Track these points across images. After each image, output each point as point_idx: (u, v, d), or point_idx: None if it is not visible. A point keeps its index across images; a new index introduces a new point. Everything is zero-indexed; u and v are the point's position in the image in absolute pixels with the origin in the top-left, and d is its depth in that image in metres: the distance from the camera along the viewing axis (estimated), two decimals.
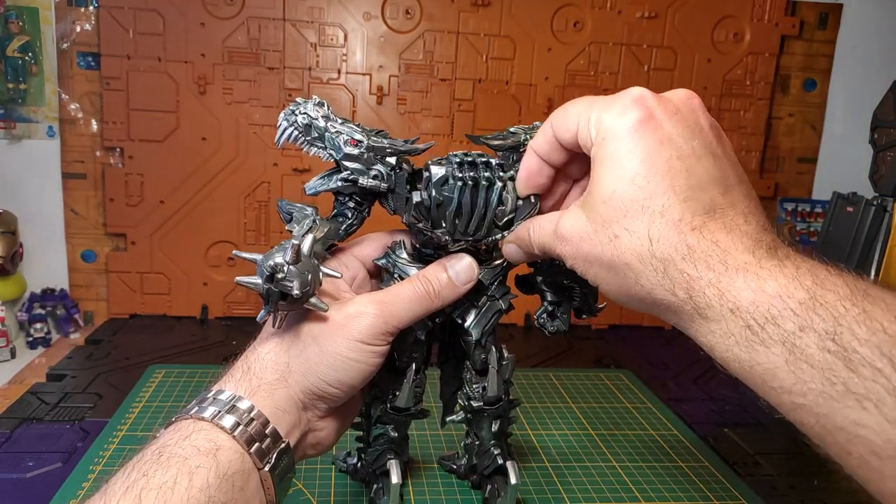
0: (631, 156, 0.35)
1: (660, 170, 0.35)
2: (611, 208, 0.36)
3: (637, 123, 0.36)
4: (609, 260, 0.36)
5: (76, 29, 0.97)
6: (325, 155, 0.46)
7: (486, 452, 0.54)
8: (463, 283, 0.46)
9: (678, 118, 0.36)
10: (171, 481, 0.34)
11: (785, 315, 0.31)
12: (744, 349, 0.32)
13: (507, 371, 0.53)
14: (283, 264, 0.38)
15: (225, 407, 0.38)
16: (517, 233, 0.45)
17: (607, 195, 0.36)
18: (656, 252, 0.35)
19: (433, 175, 0.44)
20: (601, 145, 0.37)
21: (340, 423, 0.46)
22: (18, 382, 0.83)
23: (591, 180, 0.37)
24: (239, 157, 1.02)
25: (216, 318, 1.05)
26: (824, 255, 0.34)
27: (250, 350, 0.43)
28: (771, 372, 0.31)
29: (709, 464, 0.68)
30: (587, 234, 0.37)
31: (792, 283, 0.31)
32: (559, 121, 0.41)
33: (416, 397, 0.51)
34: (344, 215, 0.48)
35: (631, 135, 0.36)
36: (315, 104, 0.47)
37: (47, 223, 1.01)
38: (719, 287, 0.33)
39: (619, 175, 0.36)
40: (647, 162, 0.35)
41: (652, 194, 0.35)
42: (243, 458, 0.37)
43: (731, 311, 0.32)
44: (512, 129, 0.49)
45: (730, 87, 1.09)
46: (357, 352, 0.41)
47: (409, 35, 1.02)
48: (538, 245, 0.42)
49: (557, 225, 0.40)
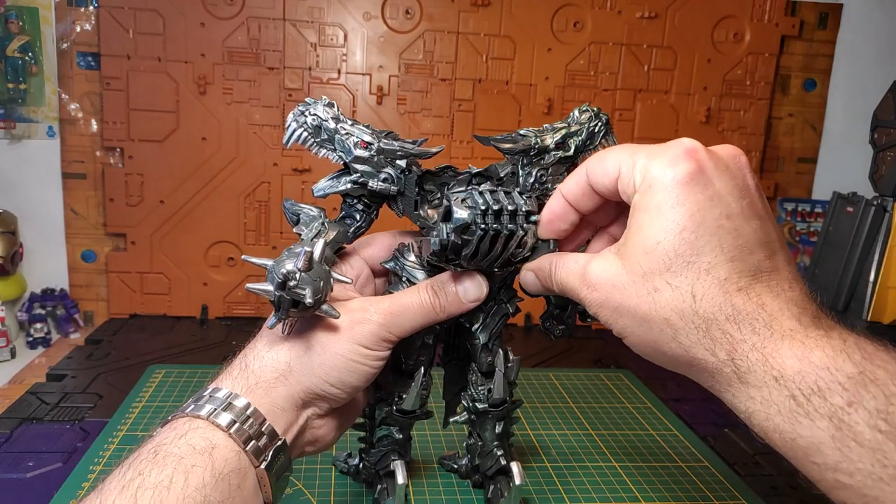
0: (680, 208, 0.34)
1: (709, 227, 0.34)
2: (653, 259, 0.34)
3: (688, 176, 0.34)
4: (645, 313, 0.35)
5: (76, 29, 0.97)
6: (335, 157, 0.45)
7: (489, 453, 0.54)
8: (470, 301, 0.45)
9: (728, 176, 0.35)
10: (166, 480, 0.34)
11: (833, 388, 0.30)
12: (786, 420, 0.31)
13: (512, 373, 0.53)
14: (296, 271, 0.38)
15: (221, 405, 0.38)
16: (539, 264, 0.44)
17: (650, 246, 0.35)
18: (699, 310, 0.33)
19: (455, 219, 0.42)
20: (647, 193, 0.35)
21: (341, 423, 0.46)
22: (18, 382, 0.83)
23: (632, 228, 0.36)
24: (239, 157, 1.02)
25: (216, 318, 1.05)
26: (824, 255, 0.34)
27: (249, 348, 0.43)
28: (815, 446, 0.30)
29: (709, 464, 0.68)
30: (621, 284, 0.36)
31: (840, 356, 0.30)
32: (596, 166, 0.39)
33: (422, 400, 0.51)
34: (352, 217, 0.47)
35: (681, 187, 0.34)
36: (325, 105, 0.46)
37: (47, 223, 1.02)
38: (764, 352, 0.32)
39: (665, 227, 0.34)
40: (696, 217, 0.34)
41: (699, 251, 0.34)
42: (239, 457, 0.37)
43: (774, 379, 0.31)
44: (521, 131, 0.48)
45: (730, 87, 1.09)
46: (359, 355, 0.42)
47: (409, 35, 1.02)
48: (559, 283, 0.41)
49: (586, 269, 0.39)
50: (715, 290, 0.33)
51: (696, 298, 0.34)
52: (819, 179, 1.16)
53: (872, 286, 0.76)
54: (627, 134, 1.08)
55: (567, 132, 0.49)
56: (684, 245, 0.34)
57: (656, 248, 0.34)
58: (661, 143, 0.37)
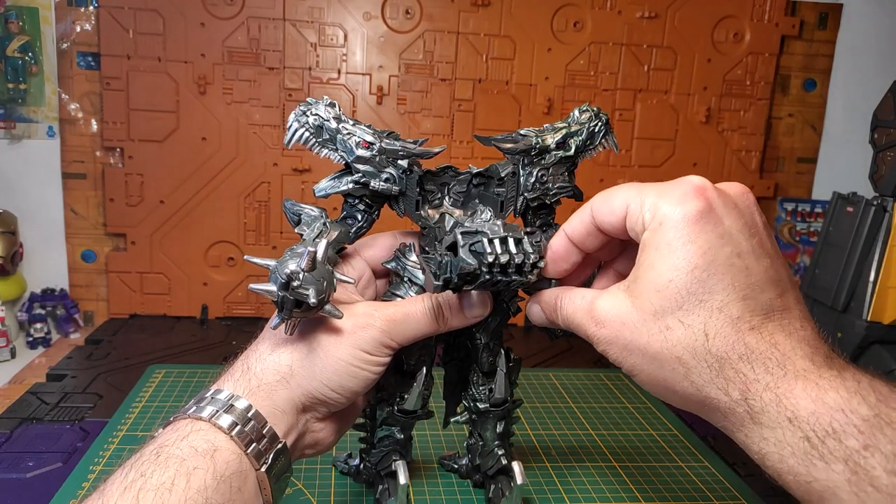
0: (691, 246, 0.34)
1: (720, 265, 0.34)
2: (665, 298, 0.34)
3: (698, 214, 0.34)
4: (656, 352, 0.35)
5: (76, 29, 0.97)
6: (336, 157, 0.45)
7: (490, 453, 0.54)
8: (474, 316, 0.45)
9: (737, 214, 0.35)
10: (168, 482, 0.34)
11: (848, 431, 0.29)
12: (801, 462, 0.31)
13: (513, 373, 0.53)
14: (299, 272, 0.38)
15: (223, 406, 0.38)
16: (545, 298, 0.43)
17: (662, 284, 0.34)
18: (712, 348, 0.33)
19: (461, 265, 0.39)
20: (657, 231, 0.35)
21: (340, 425, 0.46)
22: (18, 382, 0.83)
23: (642, 266, 0.36)
24: (239, 157, 1.02)
25: (216, 318, 1.05)
26: (824, 255, 0.34)
27: (251, 349, 0.43)
28: (830, 490, 0.29)
29: (709, 464, 0.68)
30: (631, 322, 0.36)
31: (854, 398, 0.30)
32: (602, 206, 0.39)
33: (423, 400, 0.51)
34: (353, 217, 0.47)
35: (691, 225, 0.34)
36: (327, 105, 0.46)
37: (47, 223, 1.02)
38: (777, 392, 0.32)
39: (676, 265, 0.34)
40: (707, 255, 0.34)
41: (712, 289, 0.34)
42: (241, 460, 0.37)
43: (788, 420, 0.31)
44: (522, 131, 0.48)
45: (730, 87, 1.09)
46: (359, 360, 0.42)
47: (409, 35, 1.02)
48: (565, 319, 0.41)
49: (594, 306, 0.38)
50: (728, 329, 0.33)
51: (709, 337, 0.33)
52: (819, 179, 1.16)
53: (872, 286, 0.76)
54: (627, 134, 1.08)
55: (567, 132, 0.49)
56: (696, 283, 0.34)
57: (668, 286, 0.34)
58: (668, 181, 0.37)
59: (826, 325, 0.81)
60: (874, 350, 0.77)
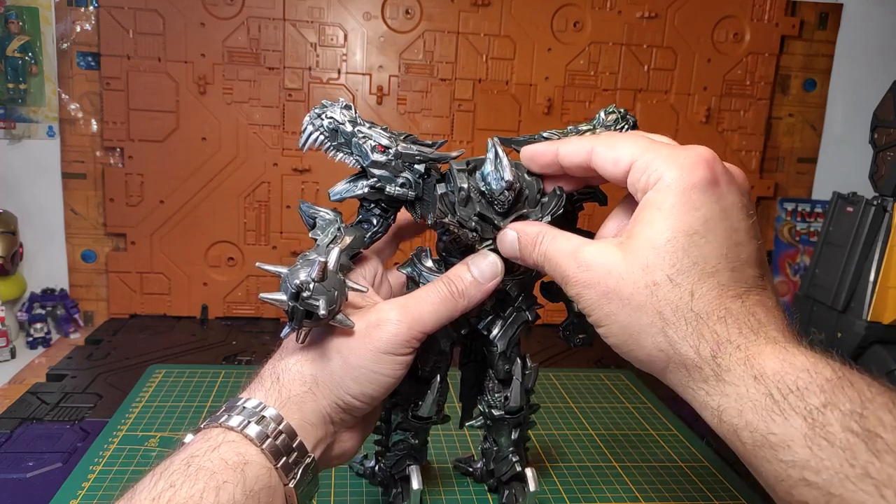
0: (695, 213, 0.35)
1: (719, 236, 0.35)
2: (660, 256, 0.35)
3: (705, 183, 0.35)
4: (640, 303, 0.35)
5: (76, 29, 0.97)
6: (352, 161, 0.44)
7: (504, 459, 0.53)
8: (488, 280, 0.44)
9: (738, 193, 0.37)
10: (197, 495, 0.34)
11: (811, 389, 0.30)
12: (759, 416, 0.31)
13: (530, 381, 0.52)
14: (310, 282, 0.37)
15: (254, 417, 0.38)
16: (527, 229, 0.42)
17: (660, 242, 0.35)
18: (695, 307, 0.34)
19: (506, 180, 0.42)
20: (663, 192, 0.36)
21: (363, 432, 0.46)
22: (18, 382, 0.83)
23: (641, 223, 0.36)
24: (239, 157, 1.02)
25: (216, 318, 1.05)
26: (824, 255, 0.34)
27: (278, 358, 0.42)
28: (785, 443, 0.30)
29: (709, 464, 0.68)
30: (618, 271, 0.36)
31: (821, 362, 0.32)
32: (606, 151, 0.39)
33: (438, 406, 0.50)
34: (369, 222, 0.46)
35: (698, 193, 0.35)
36: (342, 107, 0.44)
37: (47, 223, 1.02)
38: (747, 353, 0.33)
39: (676, 227, 0.35)
40: (708, 224, 0.35)
41: (707, 256, 0.35)
42: (270, 474, 0.37)
43: (753, 378, 0.32)
44: (545, 133, 0.47)
45: (730, 87, 1.09)
46: (382, 363, 0.40)
47: (409, 35, 1.02)
48: (543, 254, 0.41)
49: (581, 250, 0.38)
50: (714, 293, 0.35)
51: (694, 297, 0.35)
52: (819, 179, 1.16)
53: (872, 286, 0.76)
54: None
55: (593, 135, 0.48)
56: (693, 247, 0.35)
57: (665, 245, 0.35)
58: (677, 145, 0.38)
59: (826, 325, 0.80)
60: (874, 350, 0.77)
